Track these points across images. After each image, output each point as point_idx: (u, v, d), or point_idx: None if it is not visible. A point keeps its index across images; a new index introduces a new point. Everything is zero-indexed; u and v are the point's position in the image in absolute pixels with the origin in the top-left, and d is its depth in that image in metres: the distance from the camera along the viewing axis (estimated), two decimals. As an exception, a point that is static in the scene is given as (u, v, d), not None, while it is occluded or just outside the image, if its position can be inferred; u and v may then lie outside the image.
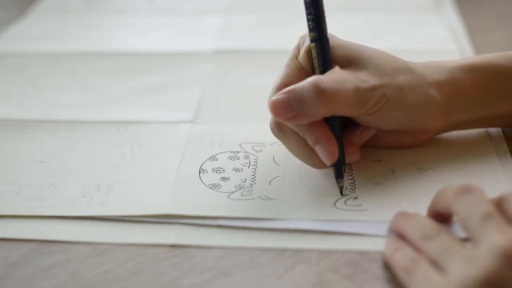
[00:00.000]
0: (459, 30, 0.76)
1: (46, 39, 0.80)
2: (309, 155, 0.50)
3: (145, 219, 0.48)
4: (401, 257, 0.42)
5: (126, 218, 0.48)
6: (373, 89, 0.48)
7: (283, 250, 0.45)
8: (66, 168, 0.55)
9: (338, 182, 0.49)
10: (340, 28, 0.56)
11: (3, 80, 0.71)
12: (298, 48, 0.51)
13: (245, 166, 0.54)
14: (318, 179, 0.51)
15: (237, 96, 0.66)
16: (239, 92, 0.66)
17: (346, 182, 0.51)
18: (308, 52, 0.49)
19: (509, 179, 0.50)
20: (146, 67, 0.72)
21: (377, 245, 0.45)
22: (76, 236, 0.47)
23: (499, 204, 0.41)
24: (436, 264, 0.40)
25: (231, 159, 0.55)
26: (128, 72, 0.71)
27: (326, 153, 0.48)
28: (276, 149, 0.55)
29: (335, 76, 0.47)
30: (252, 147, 0.56)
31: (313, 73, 0.50)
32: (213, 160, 0.54)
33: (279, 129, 0.50)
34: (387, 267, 0.43)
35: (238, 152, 0.55)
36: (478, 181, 0.44)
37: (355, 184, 0.50)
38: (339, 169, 0.49)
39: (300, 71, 0.50)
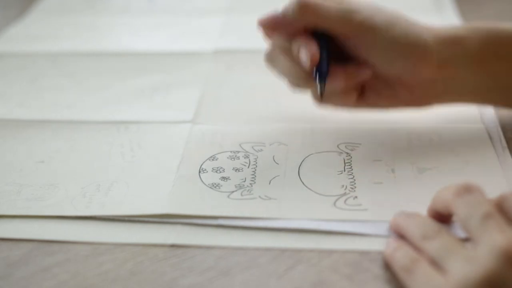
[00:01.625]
0: (459, 30, 0.76)
1: (46, 39, 0.80)
2: (295, 70, 0.53)
3: (145, 219, 0.48)
4: (401, 256, 0.42)
5: (126, 218, 0.48)
6: (357, 11, 0.51)
7: (283, 250, 0.45)
8: (66, 168, 0.55)
9: (319, 87, 0.52)
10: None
11: (3, 80, 0.71)
12: None
13: (245, 165, 0.54)
14: (318, 178, 0.51)
15: (237, 96, 0.66)
16: (239, 92, 0.66)
17: (346, 181, 0.51)
18: None
19: (509, 179, 0.50)
20: (146, 67, 0.72)
21: (377, 245, 0.45)
22: (76, 236, 0.47)
23: (499, 204, 0.41)
24: (436, 264, 0.40)
25: (231, 158, 0.55)
26: (128, 72, 0.71)
27: (306, 55, 0.51)
28: (276, 148, 0.55)
29: None
30: (252, 147, 0.56)
31: None
32: (213, 160, 0.54)
33: (270, 56, 0.55)
34: (387, 267, 0.43)
35: (238, 151, 0.55)
36: (478, 181, 0.44)
37: (355, 184, 0.50)
38: (321, 75, 0.52)
39: None
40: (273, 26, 0.53)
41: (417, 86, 0.53)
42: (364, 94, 0.55)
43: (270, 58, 0.56)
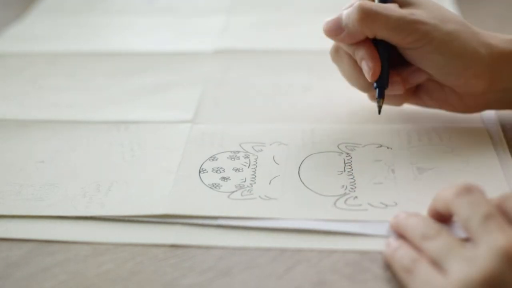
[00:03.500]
0: (459, 30, 0.76)
1: (46, 39, 0.80)
2: (357, 76, 0.55)
3: (145, 219, 0.48)
4: (402, 257, 0.42)
5: (126, 218, 0.48)
6: (418, 22, 0.51)
7: (283, 250, 0.45)
8: (66, 168, 0.54)
9: (378, 102, 0.54)
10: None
11: (3, 80, 0.71)
12: None
13: (245, 165, 0.54)
14: (318, 178, 0.51)
15: (237, 96, 0.66)
16: (239, 92, 0.66)
17: (346, 181, 0.51)
18: None
19: (509, 179, 0.50)
20: (146, 67, 0.72)
21: (377, 245, 0.44)
22: (76, 236, 0.47)
23: (499, 204, 0.41)
24: (436, 264, 0.40)
25: (231, 158, 0.55)
26: (128, 72, 0.71)
27: (368, 68, 0.52)
28: (276, 148, 0.55)
29: (384, 5, 0.53)
30: (252, 147, 0.56)
31: None
32: (213, 160, 0.54)
33: (335, 52, 0.56)
34: (387, 267, 0.43)
35: (238, 151, 0.55)
36: (478, 181, 0.44)
37: (355, 184, 0.50)
38: (381, 90, 0.53)
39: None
40: (335, 34, 0.53)
41: (468, 96, 0.54)
42: (416, 93, 0.57)
43: (335, 55, 0.56)
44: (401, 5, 0.54)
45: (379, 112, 0.54)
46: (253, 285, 0.42)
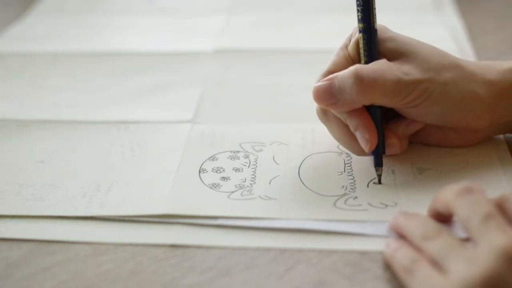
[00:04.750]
0: (459, 30, 0.76)
1: (46, 39, 0.80)
2: (349, 141, 0.51)
3: (145, 219, 0.48)
4: (402, 257, 0.42)
5: (126, 218, 0.48)
6: (415, 82, 0.48)
7: (283, 250, 0.45)
8: (66, 168, 0.54)
9: (376, 170, 0.50)
10: (341, 29, 0.56)
11: (3, 80, 0.71)
12: (349, 38, 0.52)
13: (245, 165, 0.54)
14: (318, 178, 0.51)
15: (237, 96, 0.66)
16: (239, 92, 0.66)
17: (346, 181, 0.51)
18: (357, 42, 0.51)
19: (509, 179, 0.50)
20: (146, 67, 0.72)
21: (377, 245, 0.44)
22: (76, 236, 0.47)
23: (499, 204, 0.41)
24: (436, 264, 0.40)
25: (231, 158, 0.55)
26: (128, 72, 0.71)
27: (364, 140, 0.49)
28: (276, 148, 0.55)
29: (377, 67, 0.48)
30: (252, 147, 0.56)
31: (360, 63, 0.50)
32: (213, 160, 0.54)
33: (323, 114, 0.52)
34: (388, 267, 0.43)
35: (238, 151, 0.55)
36: (478, 181, 0.44)
37: (355, 184, 0.50)
38: (378, 157, 0.50)
39: (348, 60, 0.51)
40: (328, 103, 0.49)
41: (469, 133, 0.53)
42: (413, 134, 0.54)
43: (323, 116, 0.52)
44: (390, 57, 0.50)
45: (379, 181, 0.50)
46: (253, 285, 0.42)
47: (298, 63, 0.71)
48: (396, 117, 0.52)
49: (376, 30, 0.50)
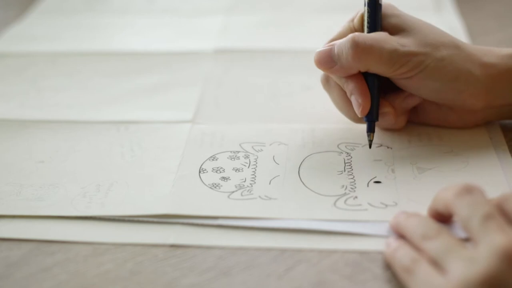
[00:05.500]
0: (459, 30, 0.76)
1: (46, 39, 0.80)
2: (347, 107, 0.54)
3: (145, 219, 0.48)
4: (402, 256, 0.42)
5: (126, 218, 0.48)
6: (410, 54, 0.51)
7: (283, 250, 0.45)
8: (66, 168, 0.54)
9: (368, 136, 0.53)
10: (340, 28, 0.56)
11: (3, 80, 0.71)
12: (357, 12, 0.54)
13: (245, 165, 0.54)
14: (318, 178, 0.51)
15: (237, 96, 0.66)
16: (239, 92, 0.66)
17: (346, 181, 0.51)
18: (362, 15, 0.54)
19: (509, 179, 0.50)
20: (146, 67, 0.72)
21: (377, 245, 0.45)
22: (76, 236, 0.47)
23: (499, 204, 0.41)
24: (436, 264, 0.40)
25: (231, 158, 0.55)
26: (128, 72, 0.71)
27: (357, 104, 0.52)
28: (276, 148, 0.55)
29: (375, 36, 0.51)
30: (252, 147, 0.56)
31: None
32: (213, 160, 0.54)
33: (326, 81, 0.55)
34: (387, 267, 0.43)
35: (238, 151, 0.55)
36: (478, 181, 0.44)
37: (355, 184, 0.50)
38: (370, 124, 0.53)
39: (352, 31, 0.54)
40: (327, 67, 0.52)
41: (467, 113, 0.54)
42: (413, 112, 0.56)
43: (326, 84, 0.56)
44: (393, 31, 0.53)
45: (370, 146, 0.53)
46: (253, 285, 0.42)
47: (298, 63, 0.71)
48: (395, 91, 0.54)
49: (380, 5, 0.53)
